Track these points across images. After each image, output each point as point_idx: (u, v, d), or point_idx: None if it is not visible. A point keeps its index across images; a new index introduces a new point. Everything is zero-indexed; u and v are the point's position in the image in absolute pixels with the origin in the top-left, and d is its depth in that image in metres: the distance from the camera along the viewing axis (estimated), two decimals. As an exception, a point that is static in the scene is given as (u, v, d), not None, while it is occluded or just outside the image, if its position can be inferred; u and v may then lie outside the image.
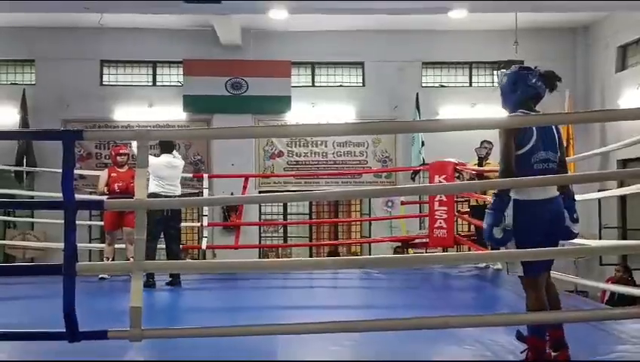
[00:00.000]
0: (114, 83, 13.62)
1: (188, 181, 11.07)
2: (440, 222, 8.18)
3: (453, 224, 8.39)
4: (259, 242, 12.94)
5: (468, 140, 8.18)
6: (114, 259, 7.65)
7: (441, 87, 13.78)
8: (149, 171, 5.73)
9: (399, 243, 10.90)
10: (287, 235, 13.50)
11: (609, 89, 12.65)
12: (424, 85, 13.64)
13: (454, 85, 13.86)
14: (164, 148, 7.08)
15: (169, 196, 6.80)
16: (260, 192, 13.00)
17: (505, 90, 3.52)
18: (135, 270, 3.22)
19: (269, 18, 11.56)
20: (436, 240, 8.30)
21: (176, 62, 13.40)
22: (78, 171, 10.20)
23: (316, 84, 13.86)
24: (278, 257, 13.09)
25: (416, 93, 13.16)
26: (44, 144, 11.35)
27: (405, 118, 12.69)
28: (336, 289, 7.04)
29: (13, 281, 6.49)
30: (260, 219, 13.23)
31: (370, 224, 12.85)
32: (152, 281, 6.61)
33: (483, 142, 8.67)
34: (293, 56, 13.28)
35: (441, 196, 8.10)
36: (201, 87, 13.07)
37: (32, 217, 10.21)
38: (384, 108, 13.08)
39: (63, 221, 3.14)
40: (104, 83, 13.58)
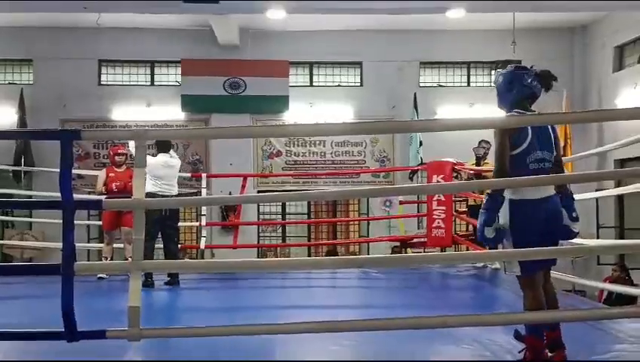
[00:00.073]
0: (112, 83, 13.61)
1: (186, 181, 11.05)
2: (438, 222, 8.19)
3: (451, 224, 8.40)
4: (257, 242, 12.95)
5: (466, 140, 8.20)
6: (112, 258, 7.65)
7: (439, 86, 13.79)
8: (146, 171, 5.73)
9: (397, 243, 10.90)
10: (286, 235, 13.52)
11: (606, 89, 12.66)
12: (422, 85, 13.64)
13: (452, 85, 13.86)
14: (160, 147, 7.07)
15: (166, 195, 6.79)
16: (259, 192, 13.00)
17: (501, 90, 3.52)
18: (133, 269, 3.22)
19: (267, 18, 11.55)
20: (434, 239, 8.31)
21: (175, 62, 13.40)
22: (76, 171, 10.18)
23: (314, 83, 13.86)
24: (276, 257, 13.10)
25: (414, 93, 13.17)
26: (42, 144, 11.32)
27: (403, 117, 12.69)
28: (335, 289, 7.05)
29: (11, 281, 6.49)
30: (259, 218, 13.24)
31: (369, 224, 12.85)
32: (150, 281, 6.61)
33: (481, 142, 8.69)
34: (291, 56, 13.28)
35: (440, 196, 8.11)
36: (199, 86, 13.06)
37: (30, 217, 10.19)
38: (382, 107, 13.08)
39: (61, 221, 3.14)
40: (102, 83, 13.57)
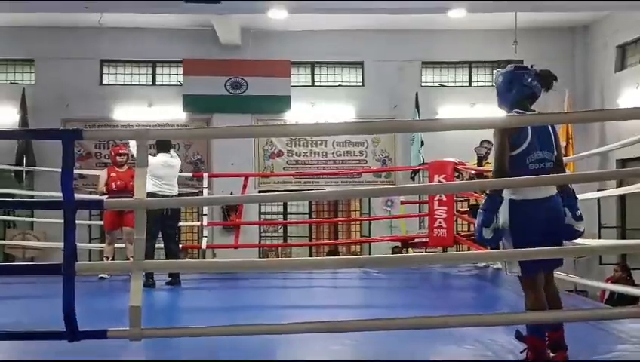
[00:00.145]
0: (113, 82, 13.62)
1: (188, 180, 11.08)
2: (440, 222, 8.18)
3: (452, 223, 8.39)
4: (259, 242, 12.95)
5: (467, 140, 8.19)
6: (114, 258, 7.65)
7: (441, 86, 13.78)
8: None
9: (398, 244, 10.90)
10: (287, 235, 13.51)
11: (608, 89, 12.64)
12: (424, 85, 13.63)
13: (454, 85, 13.85)
14: (161, 147, 7.07)
15: (166, 195, 6.79)
16: (260, 192, 13.00)
17: (500, 90, 3.50)
18: (135, 269, 3.22)
19: (268, 18, 11.55)
20: (436, 239, 8.30)
21: (176, 62, 13.40)
22: (77, 171, 10.18)
23: (316, 83, 13.86)
24: (277, 257, 13.09)
25: (416, 93, 13.16)
26: (43, 143, 11.34)
27: (405, 117, 12.69)
28: (336, 289, 7.04)
29: (13, 281, 6.50)
30: (260, 218, 13.23)
31: (370, 224, 12.85)
32: (151, 281, 6.61)
33: (482, 142, 8.67)
34: (292, 56, 13.28)
35: (441, 196, 8.10)
36: (201, 86, 13.07)
37: (32, 217, 10.21)
38: (384, 107, 13.08)
39: (62, 220, 3.13)
40: (104, 82, 13.58)
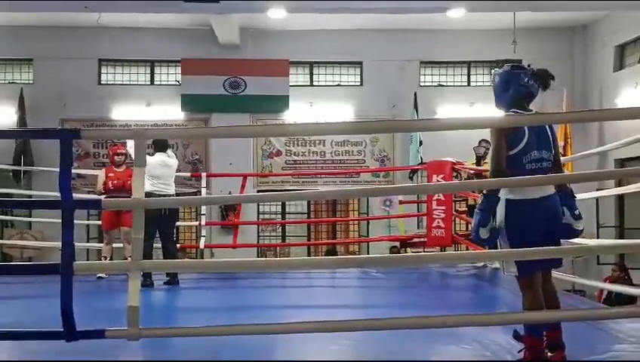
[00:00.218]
0: (112, 82, 13.61)
1: (186, 180, 11.07)
2: (438, 222, 8.18)
3: (451, 223, 8.38)
4: (257, 241, 12.96)
5: (466, 139, 8.20)
6: (112, 258, 7.64)
7: (440, 86, 13.78)
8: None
9: (395, 244, 10.89)
10: (286, 234, 13.52)
11: (607, 88, 12.65)
12: (422, 84, 13.64)
13: (453, 84, 13.85)
14: (158, 147, 7.06)
15: (163, 195, 6.78)
16: (258, 191, 13.00)
17: (497, 90, 3.49)
18: (133, 269, 3.21)
19: (267, 17, 11.55)
20: (434, 239, 8.30)
21: (175, 62, 13.40)
22: (75, 170, 10.18)
23: (314, 83, 13.86)
24: (276, 256, 13.09)
25: (415, 93, 13.17)
26: (41, 143, 11.33)
27: (403, 117, 12.69)
28: (335, 289, 7.03)
29: (10, 280, 6.48)
30: (258, 218, 13.23)
31: (368, 223, 12.85)
32: (149, 281, 6.60)
33: (481, 142, 8.67)
34: (291, 56, 13.27)
35: (439, 195, 8.10)
36: (200, 86, 13.06)
37: (30, 216, 10.18)
38: (382, 107, 13.08)
39: (60, 220, 3.13)
40: (102, 82, 13.57)
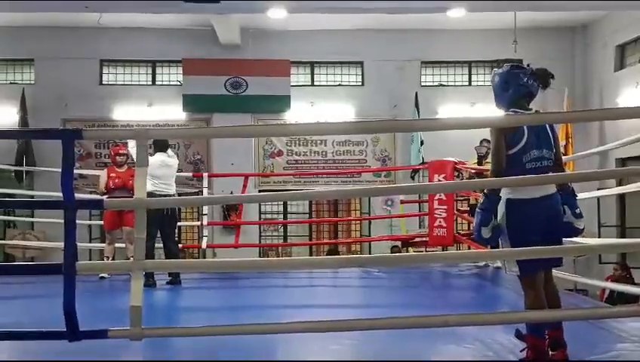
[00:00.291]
0: (113, 82, 13.62)
1: (188, 180, 11.09)
2: (439, 221, 8.17)
3: (452, 223, 8.38)
4: (259, 241, 12.96)
5: (467, 139, 8.20)
6: (114, 258, 7.64)
7: (441, 86, 13.78)
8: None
9: (397, 243, 10.88)
10: (287, 234, 13.52)
11: (608, 88, 12.65)
12: (423, 84, 13.64)
13: (454, 84, 13.86)
14: (158, 147, 7.05)
15: (163, 195, 6.79)
16: (260, 191, 13.01)
17: (497, 90, 3.50)
18: (135, 269, 3.22)
19: (268, 17, 11.55)
20: (436, 239, 8.30)
21: (176, 62, 13.41)
22: (77, 170, 10.19)
23: (315, 83, 13.86)
24: (278, 256, 13.09)
25: (416, 92, 13.18)
26: (43, 143, 11.35)
27: (405, 117, 12.70)
28: (336, 288, 7.03)
29: (13, 281, 6.49)
30: (260, 218, 13.24)
31: (370, 223, 12.86)
32: (152, 281, 6.60)
33: (482, 141, 8.67)
34: (292, 56, 13.28)
35: (441, 195, 8.10)
36: (201, 86, 13.07)
37: (32, 217, 10.21)
38: (383, 107, 13.09)
39: (62, 220, 3.14)
40: (103, 82, 13.58)
